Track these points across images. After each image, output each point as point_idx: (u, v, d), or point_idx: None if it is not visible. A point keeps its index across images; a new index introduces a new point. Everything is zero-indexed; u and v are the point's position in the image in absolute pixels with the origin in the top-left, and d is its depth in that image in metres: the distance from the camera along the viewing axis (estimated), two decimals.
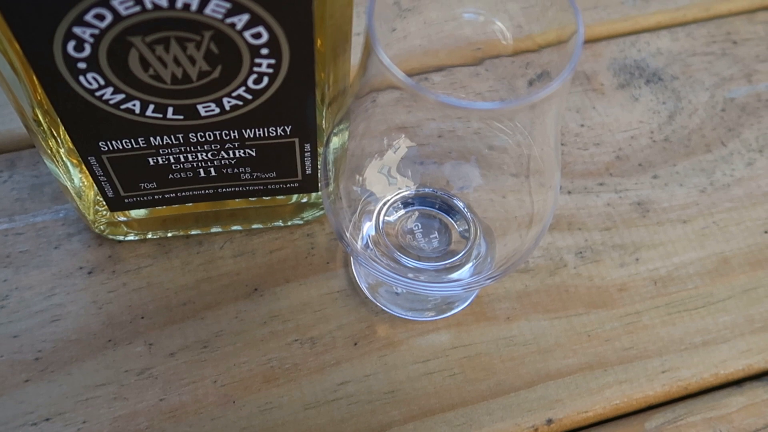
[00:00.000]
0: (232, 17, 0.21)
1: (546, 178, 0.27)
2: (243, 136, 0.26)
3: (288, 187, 0.30)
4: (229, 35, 0.22)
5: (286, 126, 0.26)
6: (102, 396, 0.29)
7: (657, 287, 0.32)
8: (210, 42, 0.22)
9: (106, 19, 0.20)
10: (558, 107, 0.24)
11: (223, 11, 0.21)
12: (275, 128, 0.26)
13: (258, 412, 0.29)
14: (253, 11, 0.21)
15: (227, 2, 0.21)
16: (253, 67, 0.23)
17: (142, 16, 0.20)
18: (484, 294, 0.32)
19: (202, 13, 0.21)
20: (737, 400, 0.30)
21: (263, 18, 0.21)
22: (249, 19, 0.21)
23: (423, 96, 0.20)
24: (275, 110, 0.25)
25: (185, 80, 0.23)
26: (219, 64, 0.23)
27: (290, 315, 0.31)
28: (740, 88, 0.38)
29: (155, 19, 0.21)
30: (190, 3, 0.20)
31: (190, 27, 0.21)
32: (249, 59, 0.23)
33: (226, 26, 0.21)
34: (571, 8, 0.22)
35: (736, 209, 0.34)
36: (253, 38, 0.22)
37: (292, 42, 0.23)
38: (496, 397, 0.29)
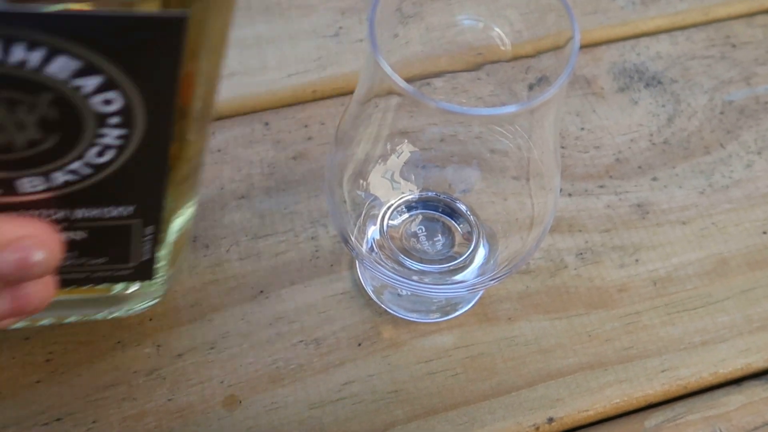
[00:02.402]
0: (79, 79, 0.17)
1: (546, 180, 0.27)
2: (71, 218, 0.22)
3: (118, 275, 0.26)
4: (71, 100, 0.18)
5: (129, 206, 0.22)
6: (111, 396, 0.29)
7: (656, 288, 0.32)
8: (47, 107, 0.18)
9: None
10: (557, 111, 0.24)
11: (69, 72, 0.17)
12: (115, 208, 0.22)
13: (264, 412, 0.29)
14: (108, 73, 0.17)
15: (76, 60, 0.17)
16: (97, 138, 0.19)
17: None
18: (485, 295, 0.32)
19: (42, 71, 0.17)
20: (736, 398, 0.30)
21: (119, 82, 0.18)
22: (101, 83, 0.18)
23: (424, 102, 0.21)
24: (118, 188, 0.21)
25: (6, 148, 0.19)
26: (54, 132, 0.19)
27: (295, 316, 0.31)
28: (739, 90, 0.38)
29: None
30: (27, 58, 0.16)
31: (23, 86, 0.17)
32: (93, 129, 0.19)
33: (69, 90, 0.17)
34: (568, 14, 0.22)
35: (735, 211, 0.35)
36: (103, 105, 0.18)
37: (150, 111, 0.19)
38: (497, 396, 0.30)
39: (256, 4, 0.39)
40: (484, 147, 0.30)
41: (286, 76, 0.37)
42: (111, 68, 0.17)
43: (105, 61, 0.17)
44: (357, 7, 0.40)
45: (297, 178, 0.34)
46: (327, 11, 0.39)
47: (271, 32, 0.39)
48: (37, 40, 0.16)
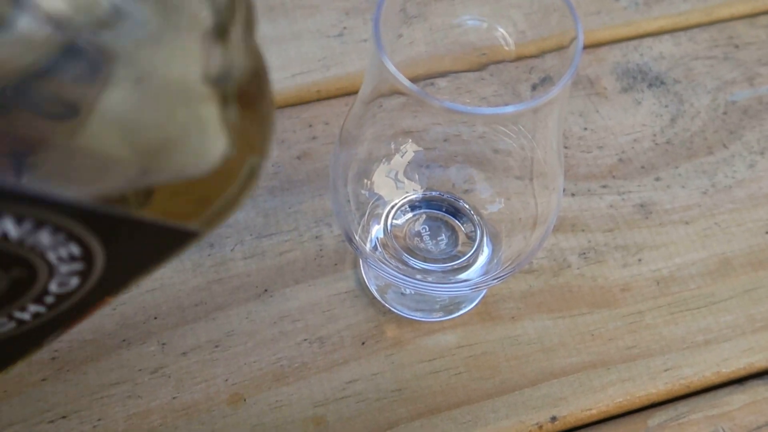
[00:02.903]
0: (54, 251, 0.16)
1: (549, 180, 0.27)
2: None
3: None
4: (34, 261, 0.16)
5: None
6: (116, 394, 0.29)
7: (659, 287, 0.33)
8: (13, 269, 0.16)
9: None
10: (560, 111, 0.24)
11: (49, 243, 0.16)
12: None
13: (268, 410, 0.29)
14: (86, 244, 0.16)
15: (59, 233, 0.16)
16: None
17: None
18: (488, 294, 0.32)
19: (24, 244, 0.16)
20: (739, 398, 0.30)
21: (92, 252, 0.17)
22: (74, 254, 0.16)
23: (428, 102, 0.21)
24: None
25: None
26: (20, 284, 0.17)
27: (299, 315, 0.31)
28: (742, 91, 0.38)
29: None
30: (8, 233, 0.15)
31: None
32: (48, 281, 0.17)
33: (36, 252, 0.16)
34: (571, 15, 0.22)
35: (738, 210, 0.35)
36: (61, 263, 0.17)
37: (110, 270, 0.18)
38: (501, 395, 0.30)
39: (260, 4, 0.40)
40: (487, 147, 0.30)
41: (291, 76, 0.38)
42: (92, 241, 0.16)
43: (91, 237, 0.16)
44: (361, 7, 0.40)
45: (301, 177, 0.35)
46: (331, 11, 0.40)
47: (275, 32, 0.39)
48: (41, 219, 0.15)
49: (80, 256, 0.17)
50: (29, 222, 0.15)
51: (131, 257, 0.18)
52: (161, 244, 0.18)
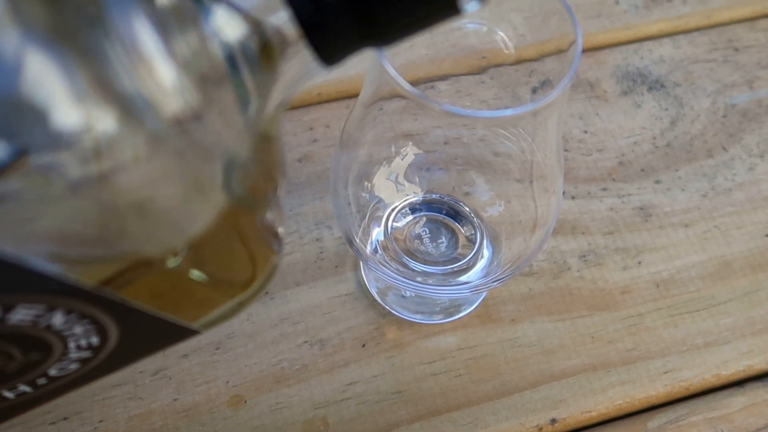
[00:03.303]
0: (69, 329, 0.16)
1: (549, 183, 0.27)
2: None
3: None
4: (50, 340, 0.17)
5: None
6: (118, 396, 0.29)
7: (659, 290, 0.33)
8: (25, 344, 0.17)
9: None
10: (559, 114, 0.24)
11: (63, 323, 0.16)
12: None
13: (269, 412, 0.29)
14: (96, 320, 0.17)
15: (71, 315, 0.16)
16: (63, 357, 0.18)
17: None
18: (489, 297, 0.32)
19: (39, 325, 0.16)
20: (738, 400, 0.30)
21: (103, 324, 0.17)
22: (85, 329, 0.17)
23: (428, 105, 0.21)
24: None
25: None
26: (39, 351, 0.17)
27: (300, 317, 0.31)
28: (742, 94, 0.38)
29: None
30: (26, 319, 0.15)
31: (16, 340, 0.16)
32: (60, 351, 0.17)
33: (52, 332, 0.16)
34: (570, 18, 0.23)
35: (738, 213, 0.35)
36: (74, 338, 0.17)
37: (124, 335, 0.18)
38: (501, 397, 0.30)
39: None
40: (487, 149, 0.30)
41: None
42: (102, 317, 0.16)
43: (100, 314, 0.16)
44: None
45: (302, 180, 0.35)
46: None
47: None
48: (55, 305, 0.15)
49: (97, 342, 0.17)
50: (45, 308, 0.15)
51: (135, 344, 0.18)
52: (162, 337, 0.19)
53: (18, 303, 0.15)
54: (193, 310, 0.19)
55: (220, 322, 0.20)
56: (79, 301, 0.15)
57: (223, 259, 0.17)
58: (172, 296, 0.18)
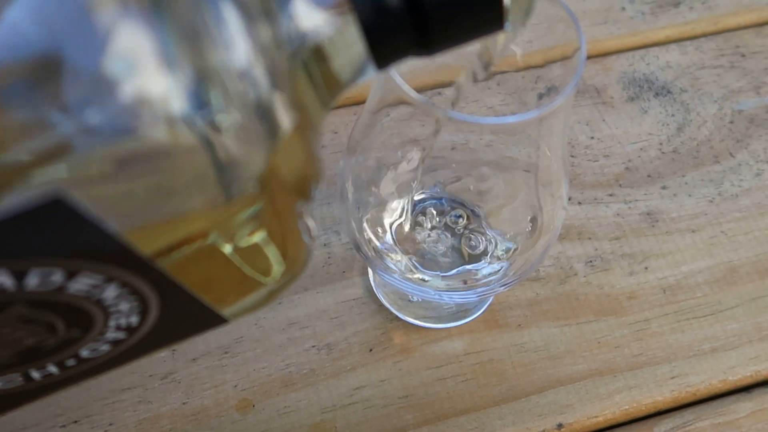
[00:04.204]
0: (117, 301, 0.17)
1: (555, 188, 0.28)
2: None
3: None
4: (92, 310, 0.17)
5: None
6: (127, 399, 0.30)
7: (666, 295, 0.33)
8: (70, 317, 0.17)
9: None
10: (565, 120, 0.25)
11: (115, 295, 0.16)
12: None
13: (277, 416, 0.30)
14: (140, 293, 0.17)
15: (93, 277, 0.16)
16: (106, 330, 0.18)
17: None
18: (495, 302, 0.32)
19: (93, 298, 0.16)
20: (745, 405, 0.30)
21: (144, 295, 0.17)
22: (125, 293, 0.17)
23: (434, 112, 0.21)
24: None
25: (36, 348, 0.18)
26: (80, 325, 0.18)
27: (308, 322, 0.32)
28: (748, 100, 0.38)
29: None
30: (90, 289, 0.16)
31: (56, 308, 0.16)
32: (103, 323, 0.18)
33: (96, 302, 0.17)
34: (575, 25, 0.23)
35: (744, 219, 0.35)
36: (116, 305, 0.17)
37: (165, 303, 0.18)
38: (507, 402, 0.30)
39: None
40: (494, 155, 0.30)
41: None
42: (149, 294, 0.17)
43: (149, 290, 0.17)
44: None
45: None
46: None
47: None
48: (113, 276, 0.16)
49: (136, 322, 0.17)
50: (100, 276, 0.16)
51: (167, 328, 0.19)
52: (193, 323, 0.19)
53: (81, 270, 0.15)
54: (226, 295, 0.19)
55: (248, 312, 0.20)
56: (134, 273, 0.16)
57: (263, 244, 0.18)
58: (210, 278, 0.18)
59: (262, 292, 0.20)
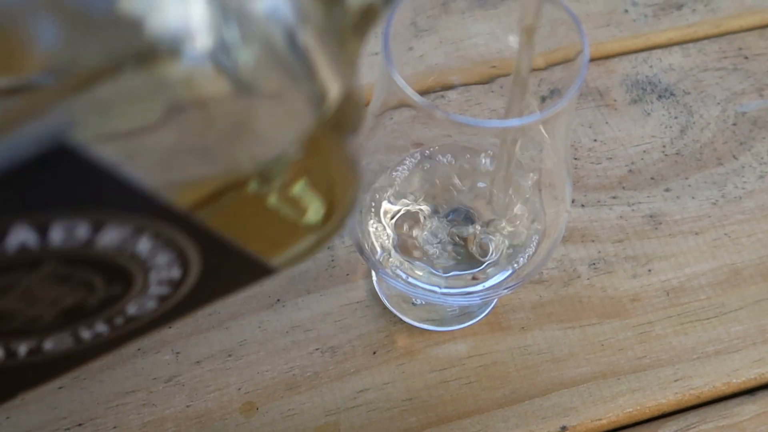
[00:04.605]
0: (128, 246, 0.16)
1: (558, 191, 0.28)
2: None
3: None
4: (130, 266, 0.16)
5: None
6: (131, 402, 0.30)
7: (669, 298, 0.33)
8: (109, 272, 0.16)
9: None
10: (567, 122, 0.25)
11: (149, 249, 0.16)
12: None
13: (280, 419, 0.30)
14: (178, 247, 0.16)
15: (124, 228, 0.15)
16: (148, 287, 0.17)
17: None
18: (499, 304, 0.32)
19: (128, 252, 0.16)
20: (749, 408, 0.30)
21: (183, 249, 0.17)
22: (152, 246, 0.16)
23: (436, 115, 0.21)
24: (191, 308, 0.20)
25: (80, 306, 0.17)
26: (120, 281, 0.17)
27: (311, 325, 0.32)
28: (752, 102, 0.38)
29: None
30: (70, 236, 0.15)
31: (92, 264, 0.16)
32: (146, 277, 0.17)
33: (131, 256, 0.16)
34: (577, 28, 0.23)
35: (748, 221, 0.35)
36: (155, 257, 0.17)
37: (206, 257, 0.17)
38: (511, 404, 0.30)
39: None
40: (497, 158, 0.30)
41: None
42: (186, 246, 0.16)
43: (185, 242, 0.16)
44: None
45: None
46: None
47: None
48: (144, 228, 0.15)
49: (178, 276, 0.17)
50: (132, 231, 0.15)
51: (213, 282, 0.18)
52: (240, 275, 0.19)
53: (108, 221, 0.15)
54: (273, 245, 0.19)
55: (297, 261, 0.19)
56: (166, 224, 0.15)
57: (309, 188, 0.18)
58: (255, 228, 0.18)
59: (310, 239, 0.19)
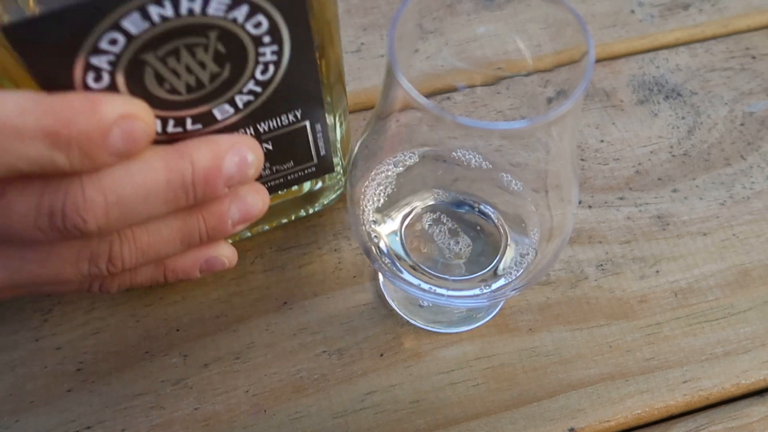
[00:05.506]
0: (233, 12, 0.21)
1: (564, 192, 0.27)
2: (258, 131, 0.27)
3: (306, 173, 0.30)
4: (232, 31, 0.22)
5: (297, 111, 0.27)
6: (140, 405, 0.30)
7: (677, 299, 0.33)
8: (216, 42, 0.22)
9: (119, 43, 0.20)
10: (574, 124, 0.25)
11: (224, 8, 0.21)
12: (287, 115, 0.27)
13: (288, 421, 0.30)
14: (251, 1, 0.22)
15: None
16: (258, 57, 0.23)
17: (152, 31, 0.21)
18: (506, 306, 0.32)
19: (205, 14, 0.21)
20: (758, 409, 0.30)
21: (261, 6, 0.22)
22: (248, 11, 0.22)
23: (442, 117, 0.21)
24: (285, 97, 0.26)
25: (199, 87, 0.23)
26: (227, 62, 0.23)
27: (318, 327, 0.32)
28: (759, 102, 0.38)
29: (164, 31, 0.21)
30: (193, 7, 0.21)
31: (196, 31, 0.21)
32: (254, 51, 0.23)
33: (228, 22, 0.22)
34: (583, 29, 0.23)
35: (756, 222, 0.35)
36: (254, 29, 0.22)
37: (290, 25, 0.23)
38: (518, 406, 0.30)
39: None
40: (504, 159, 0.30)
41: None
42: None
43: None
44: (378, 23, 0.40)
45: None
46: (349, 27, 0.40)
47: None
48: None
49: (253, 10, 0.22)
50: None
51: (291, 2, 0.23)
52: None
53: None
54: None
55: None
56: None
57: None
58: None
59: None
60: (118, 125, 0.21)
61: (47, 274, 0.24)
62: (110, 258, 0.24)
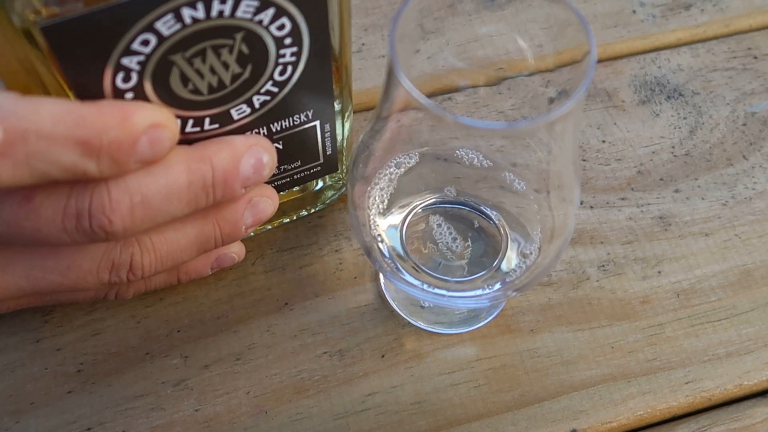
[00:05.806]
0: (260, 14, 0.22)
1: (566, 192, 0.27)
2: (271, 131, 0.27)
3: (311, 173, 0.31)
4: (257, 33, 0.23)
5: (309, 111, 0.27)
6: (140, 406, 0.30)
7: (680, 299, 0.32)
8: (241, 43, 0.23)
9: (150, 43, 0.21)
10: (575, 124, 0.24)
11: (252, 10, 0.22)
12: (299, 115, 0.27)
13: (289, 422, 0.30)
14: (278, 4, 0.22)
15: (255, 0, 0.22)
16: (278, 59, 0.24)
17: (182, 32, 0.21)
18: (507, 307, 0.32)
19: (234, 16, 0.22)
20: (761, 410, 0.30)
21: (286, 9, 0.22)
22: (274, 13, 0.22)
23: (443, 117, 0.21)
24: (299, 97, 0.26)
25: (220, 87, 0.24)
26: (249, 63, 0.24)
27: (319, 328, 0.32)
28: (761, 102, 0.38)
29: (193, 32, 0.21)
30: (223, 9, 0.21)
31: (223, 33, 0.22)
32: (275, 52, 0.24)
33: (254, 24, 0.22)
34: (585, 29, 0.23)
35: (759, 222, 0.34)
36: (278, 30, 0.23)
37: (311, 27, 0.24)
38: (520, 407, 0.30)
39: None
40: (505, 160, 0.30)
41: None
42: (280, 0, 0.22)
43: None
44: (379, 23, 0.40)
45: None
46: None
47: None
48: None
49: (278, 14, 0.22)
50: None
51: (313, 6, 0.23)
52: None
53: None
54: None
55: None
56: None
57: None
58: None
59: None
60: (147, 134, 0.21)
61: (68, 283, 0.25)
62: (131, 267, 0.25)
